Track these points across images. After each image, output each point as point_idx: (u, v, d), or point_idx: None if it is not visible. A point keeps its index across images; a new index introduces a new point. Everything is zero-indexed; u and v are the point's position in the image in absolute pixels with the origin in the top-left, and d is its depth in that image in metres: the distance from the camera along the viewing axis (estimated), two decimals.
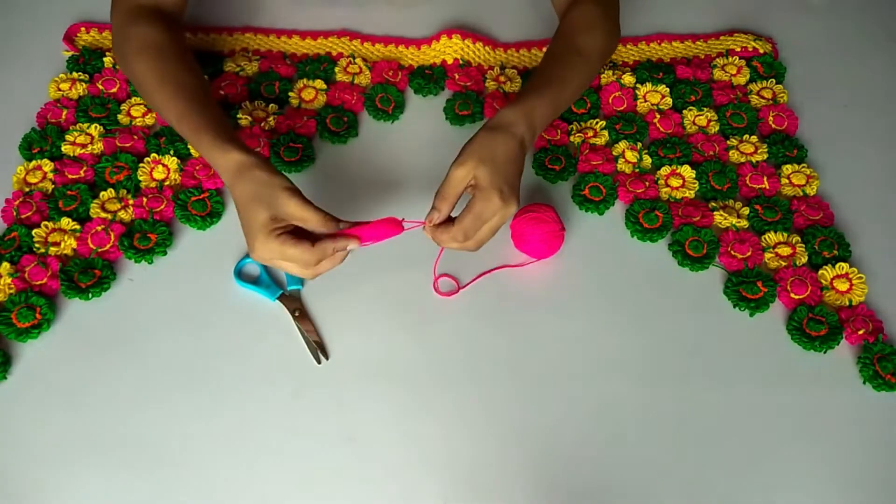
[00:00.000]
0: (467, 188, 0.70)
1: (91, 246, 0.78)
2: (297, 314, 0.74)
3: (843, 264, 0.79)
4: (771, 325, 0.76)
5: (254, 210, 0.66)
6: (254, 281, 0.77)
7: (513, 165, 0.70)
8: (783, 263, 0.79)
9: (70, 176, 0.82)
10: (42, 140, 0.85)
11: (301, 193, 0.67)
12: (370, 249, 0.70)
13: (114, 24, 0.81)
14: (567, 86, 0.78)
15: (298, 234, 0.67)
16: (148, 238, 0.78)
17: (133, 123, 0.87)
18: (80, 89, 0.90)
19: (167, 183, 0.83)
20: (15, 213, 0.79)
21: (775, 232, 0.81)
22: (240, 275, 0.77)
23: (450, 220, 0.70)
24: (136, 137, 0.85)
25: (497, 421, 0.70)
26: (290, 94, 0.90)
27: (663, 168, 0.86)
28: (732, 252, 0.80)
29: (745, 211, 0.83)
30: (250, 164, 0.68)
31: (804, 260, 0.80)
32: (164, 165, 0.83)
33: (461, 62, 0.94)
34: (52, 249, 0.77)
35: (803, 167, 0.86)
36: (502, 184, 0.69)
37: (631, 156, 0.86)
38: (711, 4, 1.03)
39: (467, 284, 0.77)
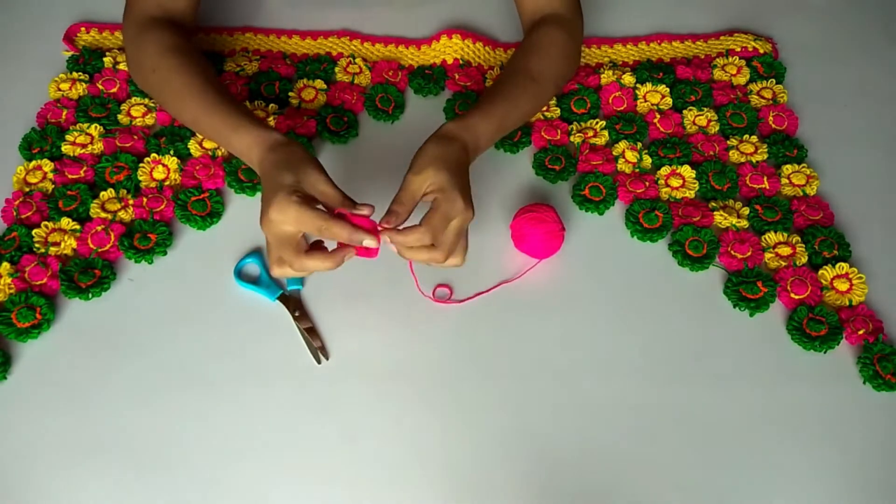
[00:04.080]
0: (425, 197, 0.69)
1: (91, 246, 0.78)
2: (296, 314, 0.74)
3: (843, 264, 0.79)
4: (771, 325, 0.76)
5: (281, 173, 0.66)
6: (254, 281, 0.77)
7: (466, 174, 0.70)
8: (783, 263, 0.79)
9: (70, 176, 0.82)
10: (42, 140, 0.85)
11: (327, 173, 0.68)
12: None
13: (126, 36, 0.82)
14: (515, 108, 0.78)
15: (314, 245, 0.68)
16: (148, 238, 0.78)
17: (133, 123, 0.87)
18: (80, 89, 0.90)
19: (167, 183, 0.83)
20: (15, 213, 0.79)
21: (775, 232, 0.81)
22: (240, 275, 0.77)
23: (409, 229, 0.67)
24: (136, 137, 0.85)
25: (497, 421, 0.70)
26: (290, 94, 0.90)
27: (663, 168, 0.86)
28: (732, 252, 0.80)
29: (745, 211, 0.83)
30: (290, 141, 0.70)
31: (804, 260, 0.80)
32: (164, 165, 0.83)
33: (461, 62, 0.94)
34: (52, 249, 0.77)
35: (803, 167, 0.86)
36: (463, 188, 0.68)
37: (631, 156, 0.86)
38: (711, 4, 1.03)
39: (464, 300, 0.77)
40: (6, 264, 0.75)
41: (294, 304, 0.75)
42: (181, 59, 0.77)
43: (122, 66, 0.91)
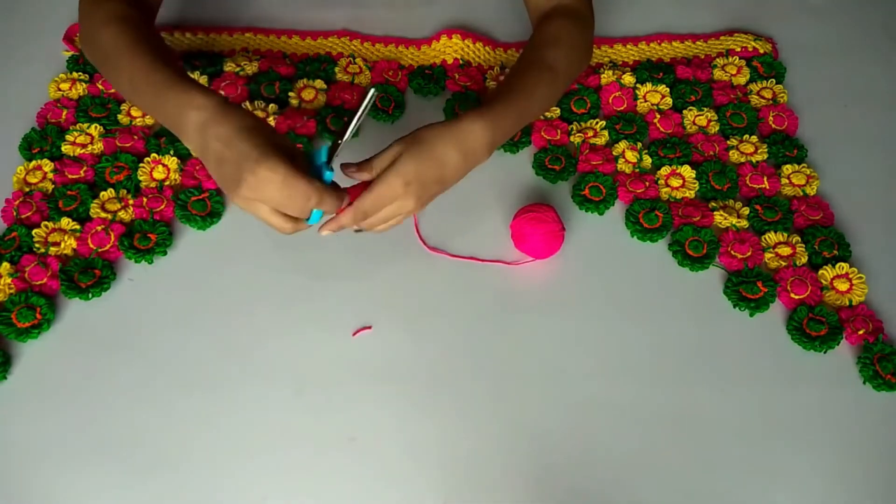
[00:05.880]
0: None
1: (91, 246, 0.78)
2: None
3: (843, 264, 0.79)
4: (771, 325, 0.76)
5: (254, 135, 0.62)
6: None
7: (437, 169, 0.67)
8: (783, 263, 0.79)
9: (70, 176, 0.82)
10: (42, 140, 0.85)
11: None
12: (369, 248, 0.70)
13: (80, 10, 0.78)
14: (534, 99, 0.75)
15: None
16: (148, 238, 0.78)
17: (133, 123, 0.87)
18: (80, 89, 0.90)
19: (167, 183, 0.83)
20: (15, 213, 0.79)
21: (775, 232, 0.81)
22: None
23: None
24: (136, 137, 0.85)
25: (497, 421, 0.70)
26: (290, 94, 0.90)
27: (663, 168, 0.86)
28: (732, 252, 0.80)
29: (745, 211, 0.83)
30: (235, 106, 0.66)
31: (804, 260, 0.80)
32: (164, 165, 0.83)
33: (461, 62, 0.94)
34: (52, 249, 0.77)
35: (803, 167, 0.86)
36: (413, 177, 0.66)
37: (631, 156, 0.86)
38: (711, 4, 1.03)
39: (458, 257, 0.78)
40: (6, 264, 0.75)
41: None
42: (128, 26, 0.73)
43: None
